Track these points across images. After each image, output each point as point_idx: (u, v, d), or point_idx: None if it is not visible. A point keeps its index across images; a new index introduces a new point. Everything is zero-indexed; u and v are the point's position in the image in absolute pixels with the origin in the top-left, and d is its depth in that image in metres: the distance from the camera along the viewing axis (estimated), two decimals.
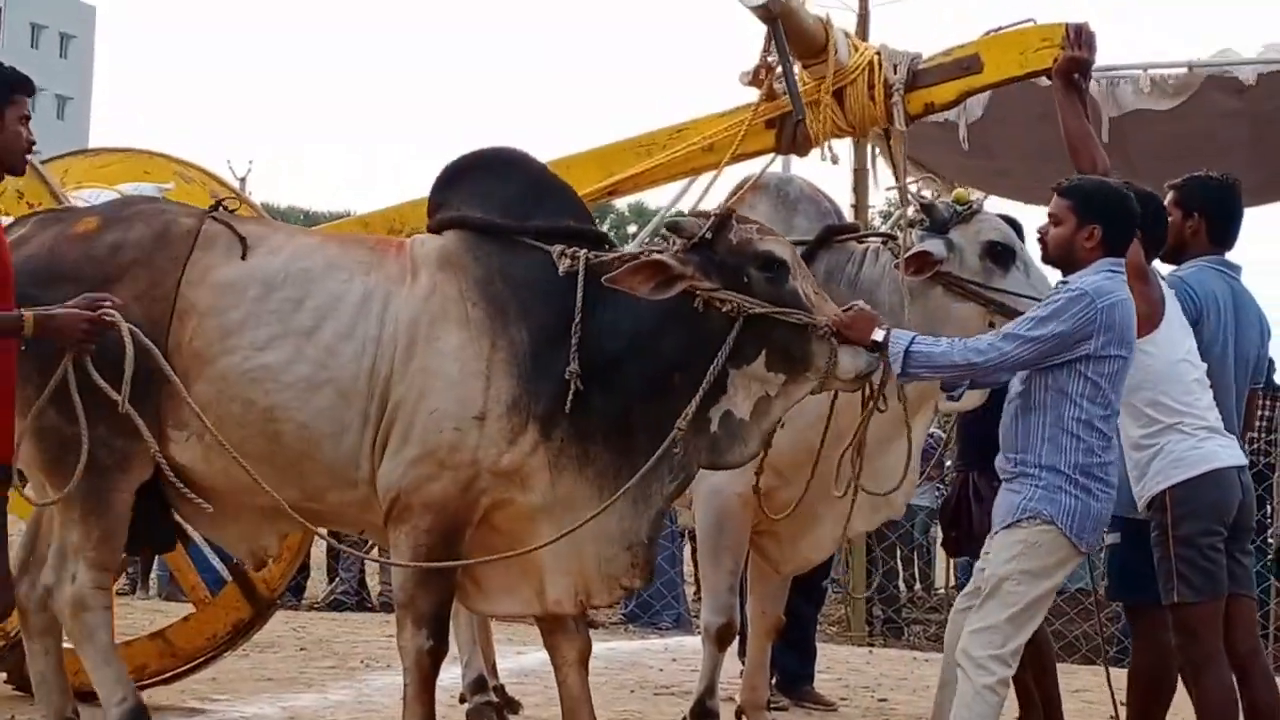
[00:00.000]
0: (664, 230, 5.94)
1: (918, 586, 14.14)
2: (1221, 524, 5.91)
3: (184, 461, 5.96)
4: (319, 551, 12.53)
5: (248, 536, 6.21)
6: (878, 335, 5.61)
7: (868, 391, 5.85)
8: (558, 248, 5.92)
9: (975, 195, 7.51)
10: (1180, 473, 5.87)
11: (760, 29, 6.80)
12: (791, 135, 7.00)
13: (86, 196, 7.50)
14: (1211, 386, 6.04)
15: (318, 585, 13.55)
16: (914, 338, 5.64)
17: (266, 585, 7.64)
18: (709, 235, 5.71)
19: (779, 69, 6.88)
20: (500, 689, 7.98)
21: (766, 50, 6.89)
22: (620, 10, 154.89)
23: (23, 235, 6.18)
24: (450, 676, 8.62)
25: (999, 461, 5.83)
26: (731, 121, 7.09)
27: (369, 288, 5.95)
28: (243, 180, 23.22)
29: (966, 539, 7.46)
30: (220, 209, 6.26)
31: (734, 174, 7.26)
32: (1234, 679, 5.94)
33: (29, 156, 5.93)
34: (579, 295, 5.80)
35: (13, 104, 5.57)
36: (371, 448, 5.85)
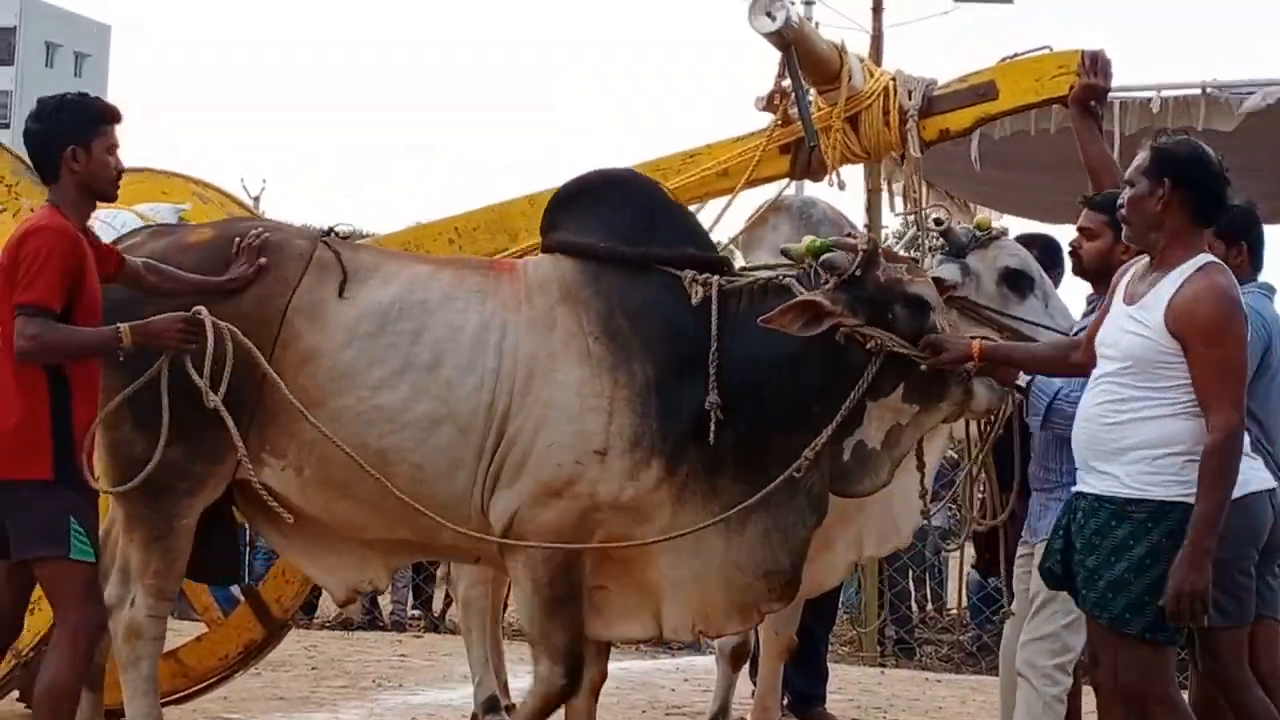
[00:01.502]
0: (816, 264, 5.87)
1: (930, 607, 14.09)
2: (1254, 548, 5.90)
3: (279, 490, 5.86)
4: None
5: (349, 571, 6.10)
6: (1021, 380, 5.74)
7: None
8: (689, 273, 5.87)
9: (996, 222, 7.51)
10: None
11: (775, 54, 6.81)
12: (806, 161, 7.00)
13: (103, 218, 7.48)
14: (1273, 411, 6.02)
15: (329, 604, 13.52)
16: (1057, 392, 5.75)
17: (279, 605, 7.63)
18: (858, 273, 5.71)
19: (793, 94, 6.88)
20: (512, 708, 7.94)
21: (781, 75, 6.90)
22: (633, 29, 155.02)
23: (133, 244, 6.14)
24: (462, 696, 8.63)
25: (1035, 472, 5.85)
26: (746, 146, 7.09)
27: (485, 317, 5.86)
28: (256, 199, 23.25)
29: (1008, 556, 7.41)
30: (333, 235, 6.14)
31: (747, 198, 7.27)
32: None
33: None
34: (714, 325, 5.76)
35: (100, 134, 5.56)
36: (484, 480, 5.78)
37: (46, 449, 5.34)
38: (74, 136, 5.49)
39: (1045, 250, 6.94)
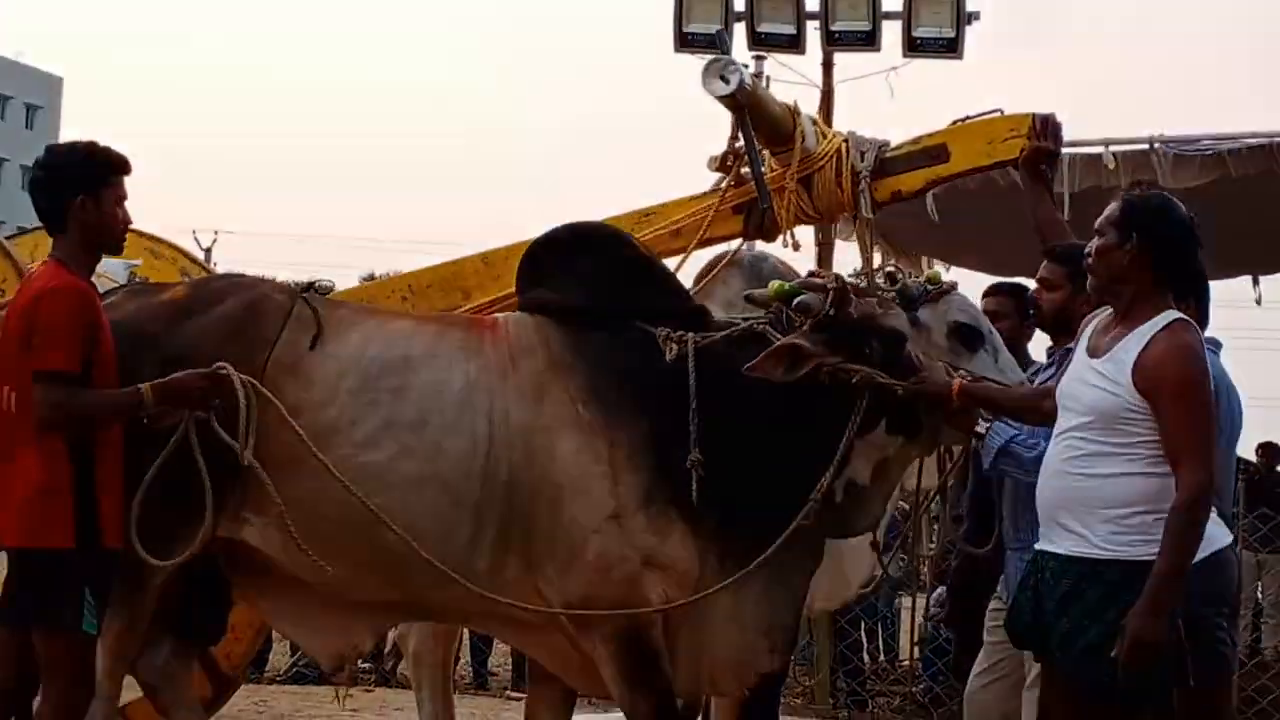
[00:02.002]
0: (789, 308, 5.88)
1: (882, 658, 14.10)
2: (1227, 605, 5.92)
3: (260, 548, 5.79)
4: None
5: (334, 636, 6.02)
6: (980, 428, 5.80)
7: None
8: (662, 331, 5.84)
9: (947, 276, 7.55)
10: None
11: (727, 115, 6.83)
12: (759, 221, 7.03)
13: None
14: (1220, 468, 6.05)
15: (280, 657, 13.44)
16: (1013, 436, 5.80)
17: (228, 662, 7.54)
18: (831, 312, 5.71)
19: (746, 156, 6.91)
20: None
21: (734, 137, 6.93)
22: (585, 83, 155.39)
23: (111, 303, 6.03)
24: None
25: (1007, 530, 5.88)
26: (698, 206, 7.12)
27: (471, 378, 5.79)
28: (208, 251, 23.23)
29: (977, 610, 7.39)
30: (313, 290, 6.08)
31: (697, 255, 7.28)
32: None
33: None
34: (691, 381, 5.72)
35: (110, 185, 5.49)
36: (493, 547, 5.70)
37: (69, 516, 5.23)
38: (83, 186, 5.40)
39: (1018, 299, 6.94)
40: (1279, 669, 12.19)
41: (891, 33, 13.36)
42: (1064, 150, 10.44)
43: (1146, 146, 10.75)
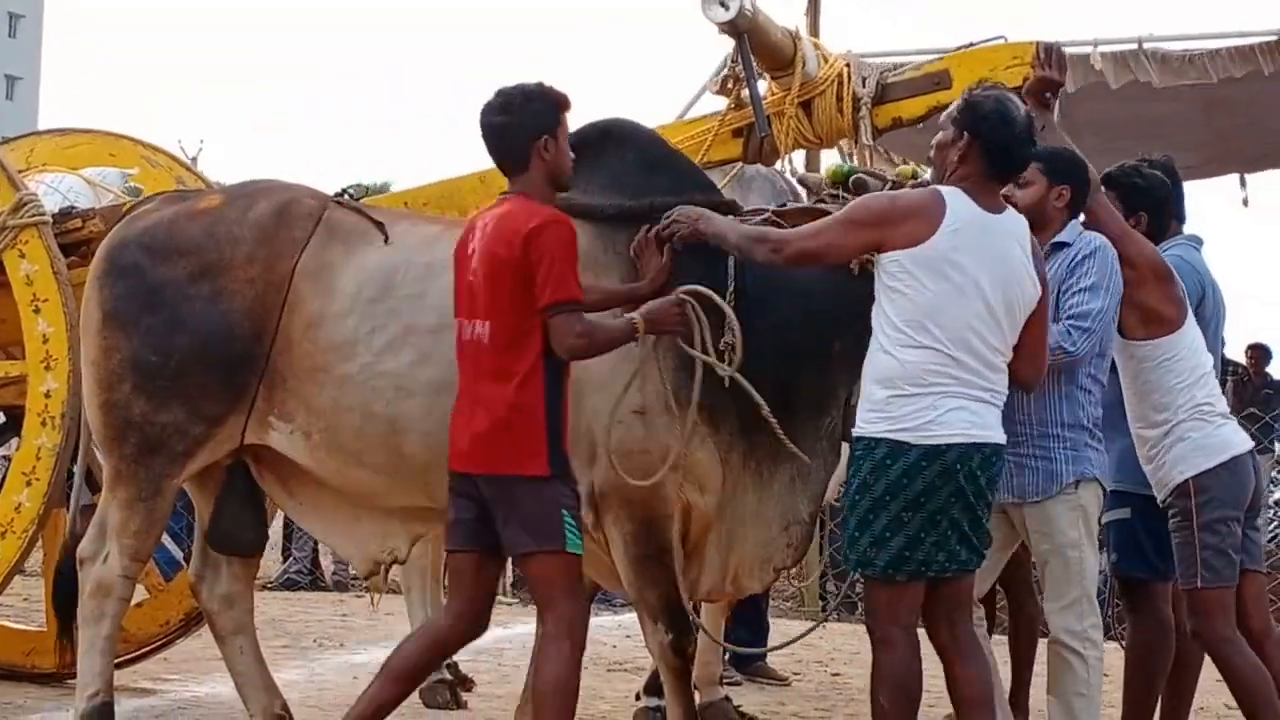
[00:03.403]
0: (844, 189, 5.85)
1: None
2: (1239, 508, 5.96)
3: (288, 455, 5.88)
4: (273, 530, 12.50)
5: (370, 542, 6.05)
6: None
7: None
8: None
9: (922, 172, 7.51)
10: (1203, 461, 5.88)
11: (728, 39, 6.80)
12: (759, 145, 6.99)
13: (49, 181, 7.45)
14: (1204, 361, 6.08)
15: (271, 564, 13.50)
16: None
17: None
18: None
19: (745, 80, 6.87)
20: (454, 667, 7.97)
21: (734, 61, 6.91)
22: (584, 10, 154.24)
23: (144, 210, 6.13)
24: (369, 657, 8.62)
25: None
26: (697, 130, 7.10)
27: None
28: (194, 160, 23.08)
29: None
30: (346, 197, 6.14)
31: None
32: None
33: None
34: (730, 265, 5.69)
35: (561, 124, 5.44)
36: None
37: (542, 444, 5.21)
38: (545, 126, 5.34)
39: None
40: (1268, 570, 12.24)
41: None
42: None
43: (1135, 46, 10.69)
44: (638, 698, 7.52)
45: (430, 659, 5.55)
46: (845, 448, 5.72)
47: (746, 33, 6.67)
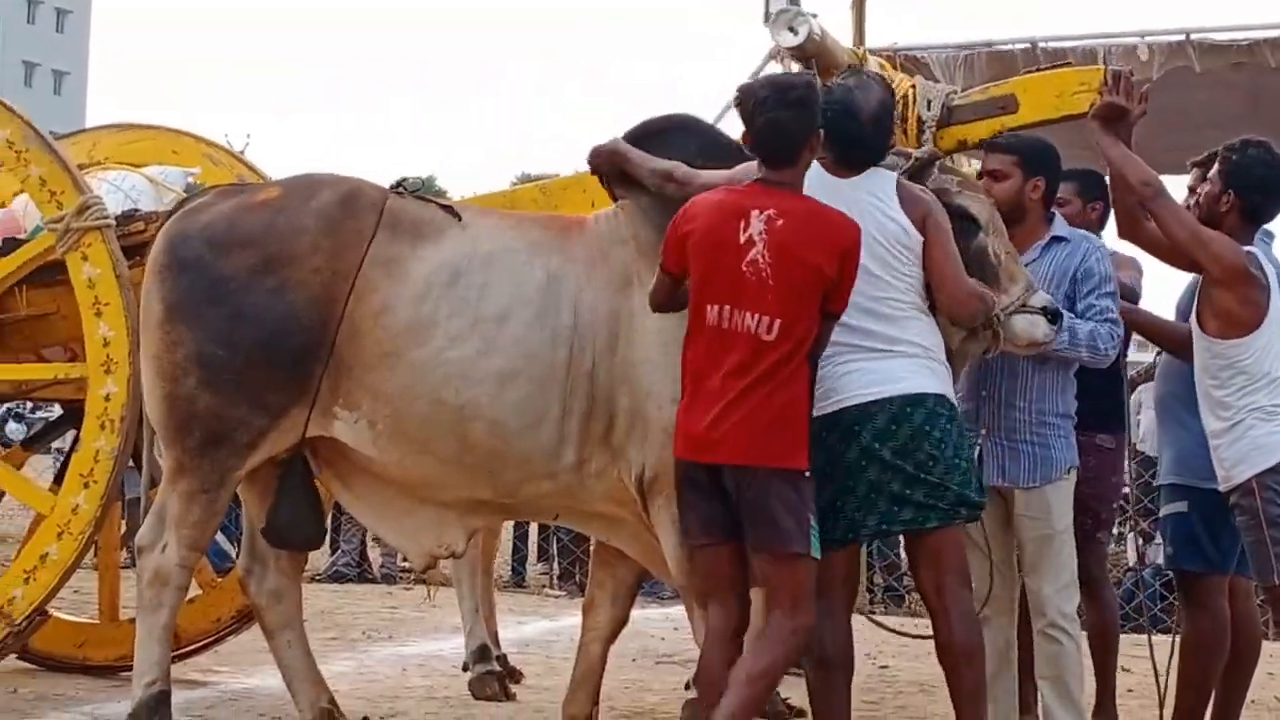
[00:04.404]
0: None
1: None
2: None
3: (352, 444, 5.91)
4: None
5: (426, 535, 6.08)
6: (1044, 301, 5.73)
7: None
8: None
9: (969, 165, 7.52)
10: (1262, 460, 5.85)
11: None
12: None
13: (112, 179, 7.48)
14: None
15: (319, 557, 13.58)
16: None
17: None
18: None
19: None
20: (503, 659, 8.00)
21: None
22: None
23: (202, 203, 6.15)
24: (453, 647, 8.68)
25: (984, 411, 5.94)
26: None
27: (554, 271, 5.86)
28: (240, 154, 23.15)
29: None
30: (403, 188, 6.16)
31: None
32: None
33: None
34: None
35: None
36: (579, 438, 5.77)
37: (805, 440, 5.17)
38: (819, 124, 5.29)
39: (1085, 182, 6.92)
40: None
41: None
42: (1099, 41, 10.48)
43: (1182, 37, 10.64)
44: (687, 687, 7.53)
45: (730, 659, 5.23)
46: None
47: (814, 56, 6.69)
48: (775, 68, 9.40)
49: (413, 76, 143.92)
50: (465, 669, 7.85)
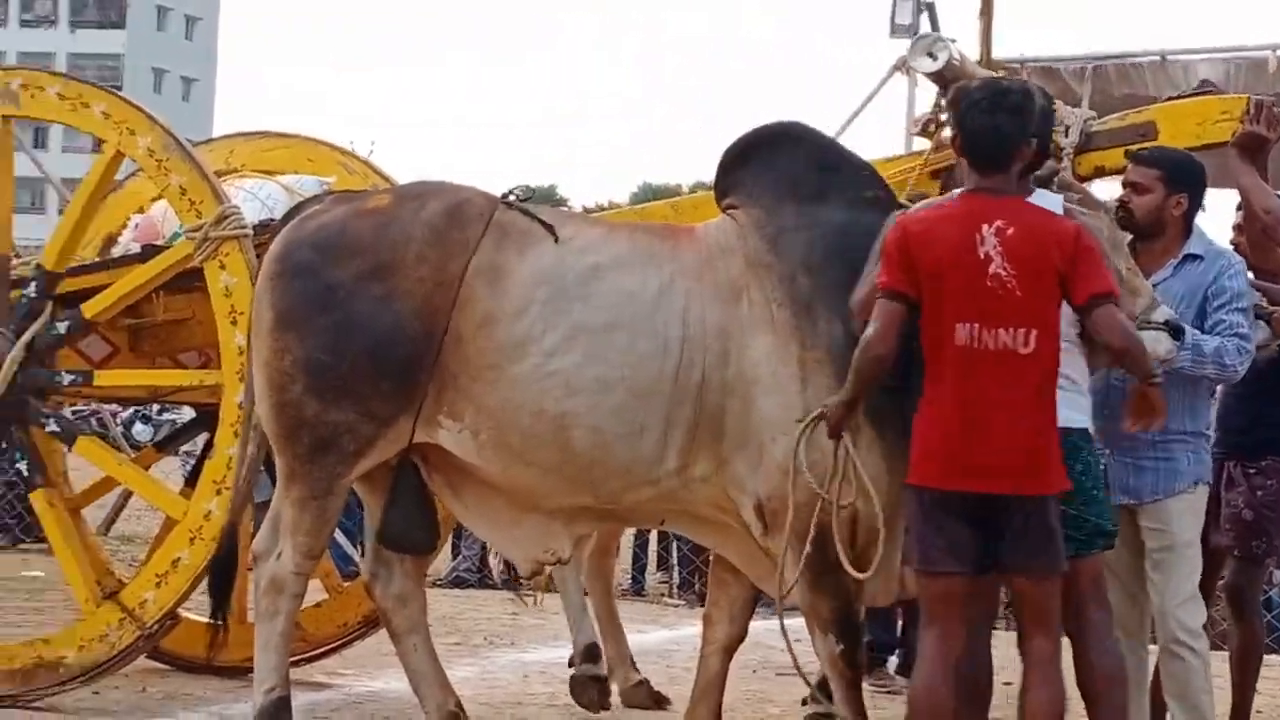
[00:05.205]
0: None
1: None
2: None
3: (456, 454, 5.97)
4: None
5: (532, 542, 6.14)
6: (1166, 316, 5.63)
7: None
8: (894, 215, 5.74)
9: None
10: None
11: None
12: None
13: (249, 188, 7.57)
14: None
15: (440, 562, 13.65)
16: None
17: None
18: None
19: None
20: (645, 683, 7.83)
21: (938, 107, 6.91)
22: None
23: (315, 210, 6.23)
24: (540, 656, 8.68)
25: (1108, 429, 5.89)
26: (899, 168, 7.05)
27: (664, 282, 5.87)
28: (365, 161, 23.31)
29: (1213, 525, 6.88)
30: (513, 197, 6.21)
31: None
32: None
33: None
34: None
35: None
36: (682, 446, 5.78)
37: (1059, 458, 5.13)
38: (1033, 130, 5.27)
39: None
40: None
41: None
42: (1228, 55, 10.37)
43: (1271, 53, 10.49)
44: (804, 703, 7.51)
45: (955, 689, 5.18)
46: None
47: (952, 82, 6.68)
48: (901, 80, 9.39)
49: (470, 30, 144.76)
50: (571, 664, 7.73)
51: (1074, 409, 5.32)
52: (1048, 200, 5.44)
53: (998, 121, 5.15)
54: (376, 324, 5.88)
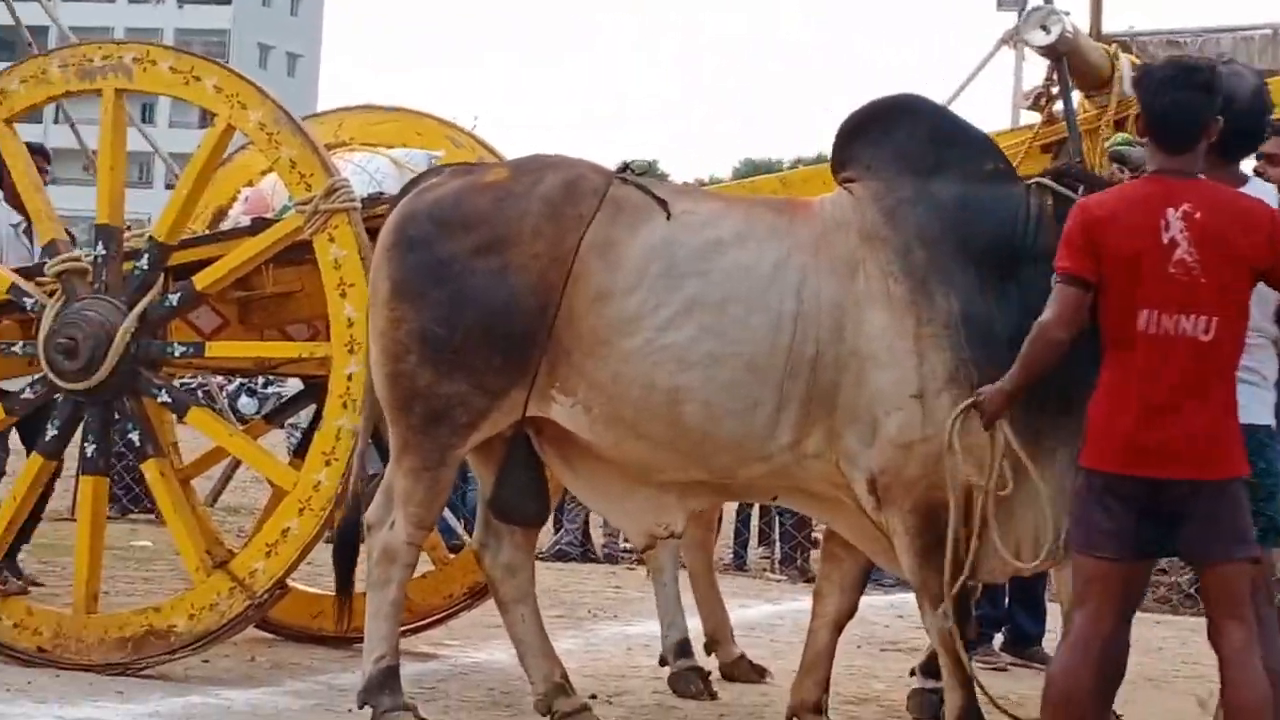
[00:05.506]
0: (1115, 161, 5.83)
1: None
2: None
3: (569, 428, 5.99)
4: None
5: (645, 515, 6.16)
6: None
7: None
8: (1032, 184, 5.76)
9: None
10: None
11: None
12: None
13: (358, 161, 7.62)
14: None
15: (543, 536, 13.70)
16: None
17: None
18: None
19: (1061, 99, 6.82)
20: (743, 658, 7.83)
21: (1049, 80, 6.86)
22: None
23: (433, 183, 6.27)
24: (643, 629, 8.68)
25: None
26: (1009, 143, 6.98)
27: (780, 257, 5.86)
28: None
29: None
30: (629, 172, 6.23)
31: None
32: None
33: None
34: (1033, 239, 5.69)
35: None
36: (796, 421, 5.77)
37: (1241, 442, 5.02)
38: (1218, 109, 5.12)
39: None
40: None
41: None
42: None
43: None
44: (912, 674, 7.48)
45: (1099, 670, 5.07)
46: None
47: (1066, 55, 6.61)
48: (1007, 54, 9.29)
49: (508, 32, 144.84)
50: (662, 663, 7.61)
51: (1260, 405, 5.21)
52: (1259, 189, 5.32)
53: (1185, 98, 5.01)
54: (491, 298, 5.91)
